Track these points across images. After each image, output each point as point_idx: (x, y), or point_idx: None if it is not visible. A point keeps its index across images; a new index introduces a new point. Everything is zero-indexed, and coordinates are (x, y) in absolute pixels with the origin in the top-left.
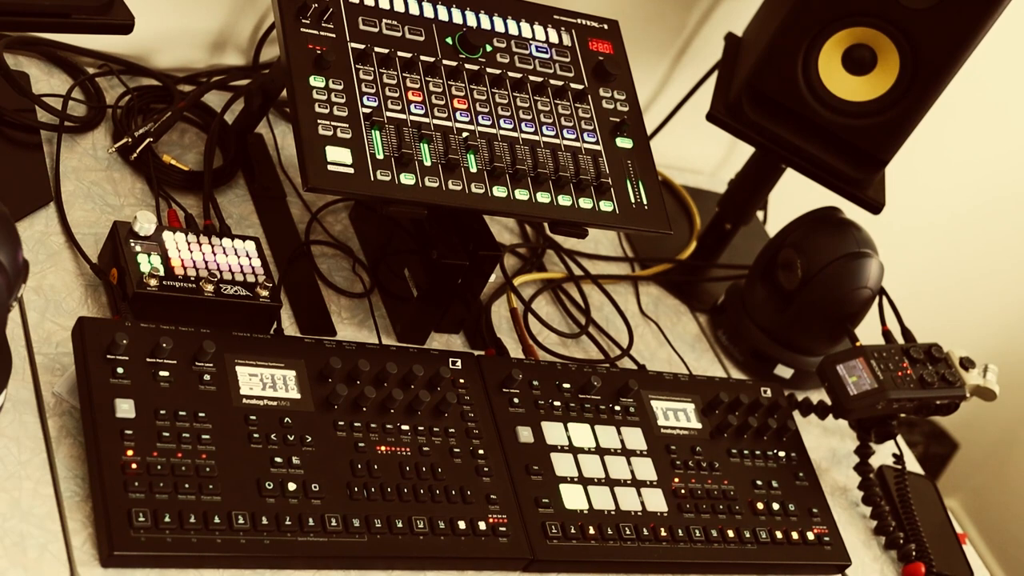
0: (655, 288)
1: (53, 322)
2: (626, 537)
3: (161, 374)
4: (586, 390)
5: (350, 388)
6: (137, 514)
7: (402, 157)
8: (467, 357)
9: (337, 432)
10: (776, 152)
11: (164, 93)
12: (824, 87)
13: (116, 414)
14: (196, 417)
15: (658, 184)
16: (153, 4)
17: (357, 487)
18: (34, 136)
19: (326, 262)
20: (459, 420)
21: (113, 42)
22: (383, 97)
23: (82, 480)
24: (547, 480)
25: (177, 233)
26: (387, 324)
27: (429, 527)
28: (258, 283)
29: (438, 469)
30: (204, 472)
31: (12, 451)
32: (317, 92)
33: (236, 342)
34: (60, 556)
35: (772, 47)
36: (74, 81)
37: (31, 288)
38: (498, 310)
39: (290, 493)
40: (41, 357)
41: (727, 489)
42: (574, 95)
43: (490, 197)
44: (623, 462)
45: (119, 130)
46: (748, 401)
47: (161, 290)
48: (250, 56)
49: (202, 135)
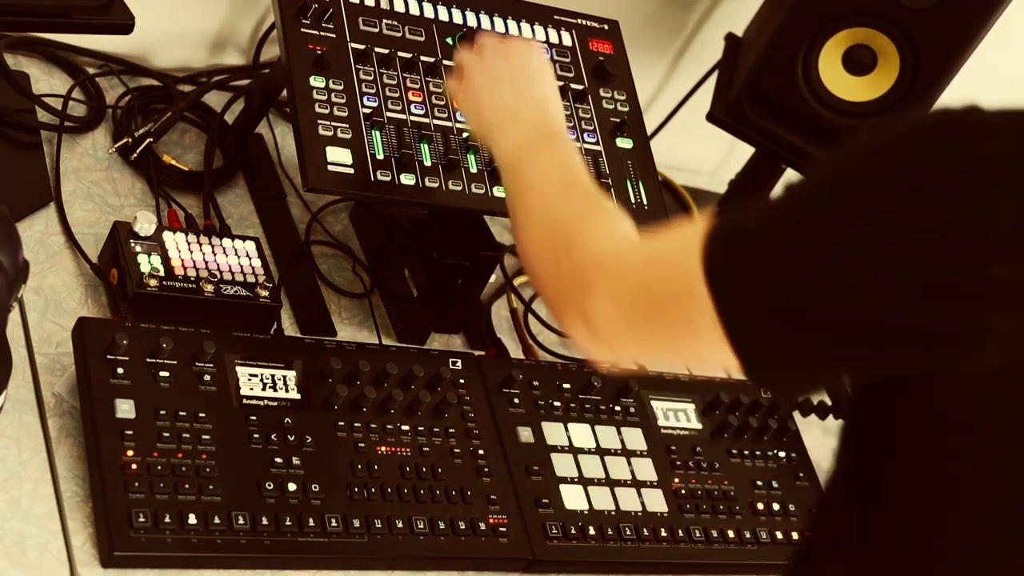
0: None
1: (53, 322)
2: (626, 537)
3: (161, 374)
4: (586, 390)
5: (350, 388)
6: (137, 514)
7: (402, 157)
8: (467, 357)
9: (337, 432)
10: (776, 152)
11: (164, 93)
12: (824, 87)
13: (116, 414)
14: (196, 417)
15: (658, 184)
16: (153, 4)
17: (357, 487)
18: (34, 136)
19: (326, 262)
20: (459, 420)
21: (113, 42)
22: (383, 97)
23: (82, 480)
24: (547, 480)
25: (177, 233)
26: (387, 324)
27: (429, 527)
28: (258, 283)
29: (438, 469)
30: (204, 472)
31: (12, 451)
32: (317, 92)
33: (236, 342)
34: (60, 556)
35: (772, 47)
36: (74, 81)
37: (31, 288)
38: (498, 310)
39: (290, 493)
40: (41, 357)
41: (727, 489)
42: (574, 95)
43: (490, 197)
44: (623, 462)
45: (119, 130)
46: (748, 401)
47: (161, 290)
48: (250, 56)
49: (202, 135)
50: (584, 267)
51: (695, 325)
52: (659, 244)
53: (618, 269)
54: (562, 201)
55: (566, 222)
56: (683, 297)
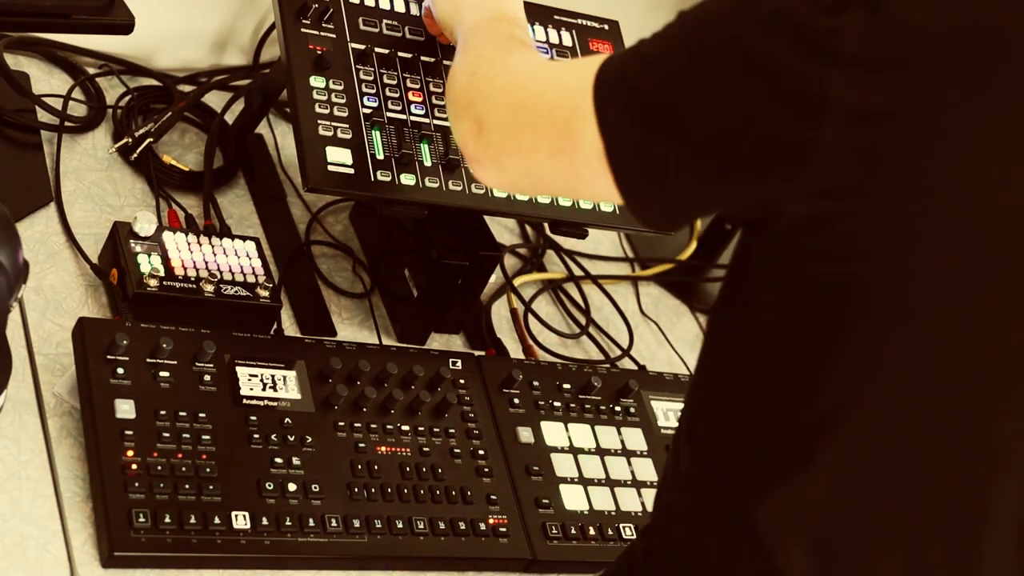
0: (655, 288)
1: (53, 322)
2: (627, 538)
3: (161, 374)
4: (586, 390)
5: (350, 388)
6: (137, 514)
7: (402, 157)
8: (467, 357)
9: (337, 432)
10: None
11: (164, 93)
12: None
13: (116, 415)
14: (196, 418)
15: None
16: (153, 4)
17: (357, 487)
18: (34, 136)
19: (326, 262)
20: (459, 420)
21: (113, 42)
22: (383, 97)
23: (82, 480)
24: (547, 481)
25: (177, 233)
26: (387, 324)
27: (429, 527)
28: (258, 283)
29: (438, 469)
30: (204, 472)
31: (12, 451)
32: (317, 92)
33: (236, 342)
34: (60, 556)
35: None
36: (74, 81)
37: (31, 288)
38: (498, 310)
39: (290, 493)
40: (41, 357)
41: None
42: None
43: (490, 197)
44: (623, 463)
45: (119, 130)
46: None
47: (161, 290)
48: (250, 56)
49: (202, 135)
50: (492, 76)
51: (578, 138)
52: (561, 64)
53: (520, 77)
54: (493, 50)
55: (490, 55)
56: (571, 112)
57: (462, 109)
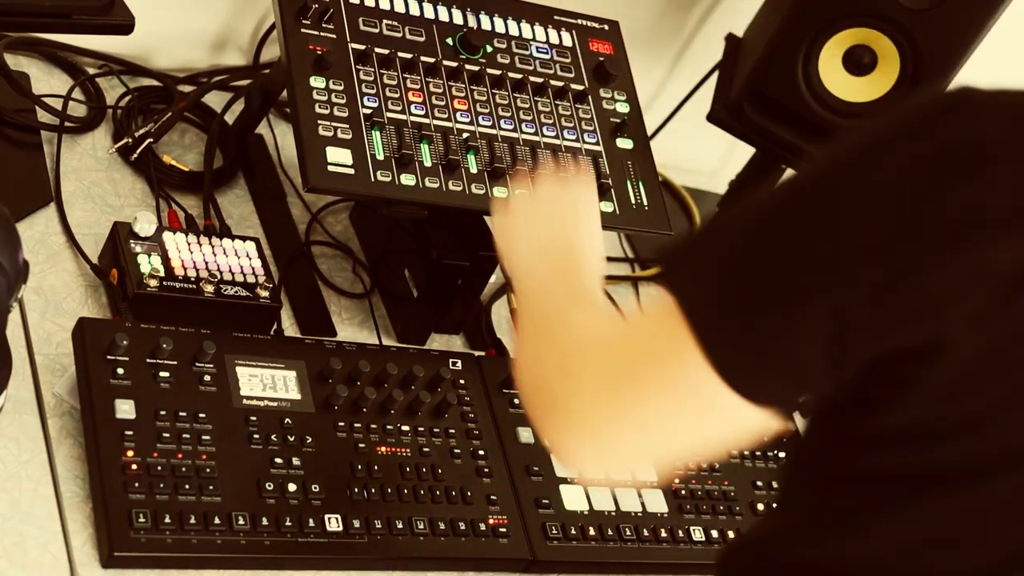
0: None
1: (53, 322)
2: (626, 538)
3: (161, 375)
4: None
5: (350, 389)
6: (137, 515)
7: (402, 158)
8: (467, 357)
9: (337, 433)
10: (776, 153)
11: (164, 93)
12: (824, 88)
13: (116, 415)
14: (196, 418)
15: (658, 185)
16: (153, 4)
17: (357, 488)
18: (34, 136)
19: (326, 262)
20: (459, 421)
21: (113, 42)
22: (383, 98)
23: (82, 481)
24: (547, 481)
25: (177, 234)
26: (387, 324)
27: (429, 528)
28: (258, 283)
29: (438, 470)
30: (204, 473)
31: (12, 451)
32: (317, 92)
33: (236, 343)
34: (60, 557)
35: (772, 47)
36: (74, 81)
37: (31, 288)
38: (498, 310)
39: (290, 494)
40: (41, 357)
41: (727, 490)
42: (574, 96)
43: (490, 197)
44: None
45: (119, 130)
46: None
47: (161, 291)
48: (250, 56)
49: (202, 135)
50: (566, 351)
51: (675, 377)
52: (637, 315)
53: (601, 343)
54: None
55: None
56: (663, 351)
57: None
